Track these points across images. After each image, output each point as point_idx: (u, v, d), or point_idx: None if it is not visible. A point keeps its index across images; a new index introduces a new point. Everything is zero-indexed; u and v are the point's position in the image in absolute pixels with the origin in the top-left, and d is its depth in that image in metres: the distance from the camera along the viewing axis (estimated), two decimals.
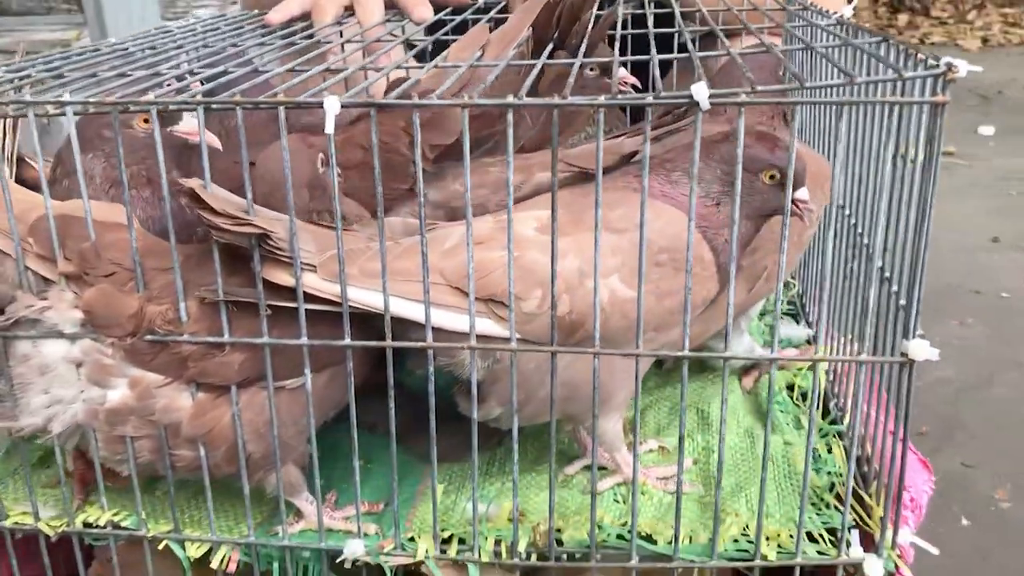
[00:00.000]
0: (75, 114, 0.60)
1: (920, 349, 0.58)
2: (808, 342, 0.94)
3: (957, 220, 2.27)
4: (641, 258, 0.59)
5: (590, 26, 0.79)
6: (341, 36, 0.96)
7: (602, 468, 0.75)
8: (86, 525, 0.71)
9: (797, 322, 0.99)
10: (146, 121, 0.72)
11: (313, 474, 0.67)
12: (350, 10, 1.01)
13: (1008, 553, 1.18)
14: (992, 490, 1.29)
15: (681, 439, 0.62)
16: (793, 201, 0.66)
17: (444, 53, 0.80)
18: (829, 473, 0.73)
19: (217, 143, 0.71)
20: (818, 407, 0.81)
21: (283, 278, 0.61)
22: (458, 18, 0.99)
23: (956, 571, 1.15)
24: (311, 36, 0.95)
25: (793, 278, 1.06)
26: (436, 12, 1.00)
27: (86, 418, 0.66)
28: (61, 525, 0.71)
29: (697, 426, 0.81)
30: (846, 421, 0.77)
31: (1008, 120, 3.18)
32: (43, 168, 0.66)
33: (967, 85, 3.67)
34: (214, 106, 0.58)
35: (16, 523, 0.72)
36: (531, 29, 0.78)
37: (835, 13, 0.85)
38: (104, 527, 0.70)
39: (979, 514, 1.25)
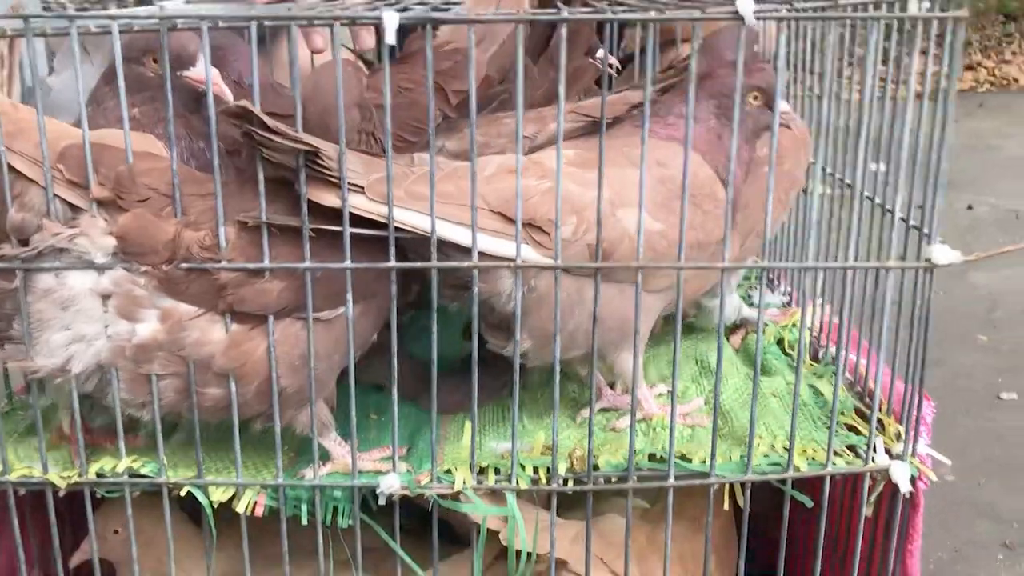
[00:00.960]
0: (120, 32, 0.59)
1: (943, 254, 0.63)
2: (785, 306, 0.99)
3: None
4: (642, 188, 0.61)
5: None
6: None
7: (614, 409, 0.77)
8: (99, 475, 0.68)
9: (772, 291, 1.03)
10: (155, 61, 0.71)
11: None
12: None
13: (959, 521, 1.24)
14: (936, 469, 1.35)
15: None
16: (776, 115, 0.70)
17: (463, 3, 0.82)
18: (842, 410, 0.76)
19: (228, 94, 0.70)
20: (807, 355, 0.85)
21: (330, 199, 0.61)
22: None
23: None
24: None
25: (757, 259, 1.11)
26: None
27: (110, 356, 0.64)
28: (72, 475, 0.68)
29: (700, 373, 0.84)
30: (841, 358, 0.81)
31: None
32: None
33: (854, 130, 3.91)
34: (266, 23, 0.58)
35: (23, 476, 0.68)
36: None
37: None
38: (121, 474, 0.67)
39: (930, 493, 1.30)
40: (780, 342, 0.90)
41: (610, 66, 0.89)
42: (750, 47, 0.88)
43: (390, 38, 0.57)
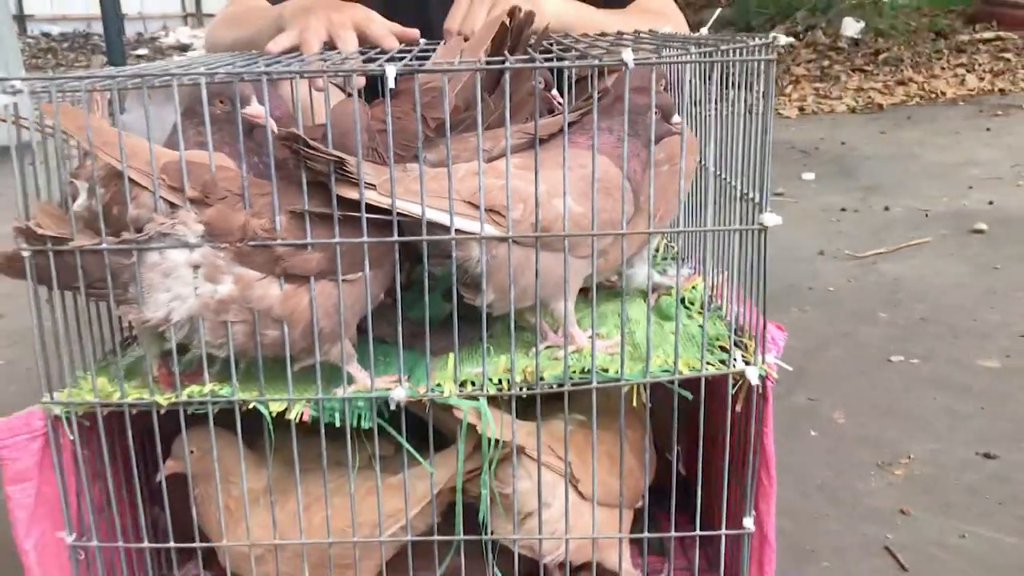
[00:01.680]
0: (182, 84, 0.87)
1: (770, 219, 0.92)
2: (690, 274, 1.28)
3: (792, 240, 2.71)
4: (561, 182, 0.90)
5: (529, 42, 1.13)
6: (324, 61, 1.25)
7: (556, 346, 1.05)
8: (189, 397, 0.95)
9: (685, 264, 1.32)
10: (221, 103, 0.99)
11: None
12: (330, 44, 1.31)
13: (844, 450, 1.53)
14: (831, 413, 1.65)
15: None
16: (673, 127, 1.00)
17: (432, 56, 1.10)
18: (718, 337, 1.05)
19: (273, 124, 0.98)
20: (702, 307, 1.14)
21: (352, 194, 0.89)
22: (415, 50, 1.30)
23: (811, 465, 1.48)
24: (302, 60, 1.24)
25: (672, 243, 1.40)
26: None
27: (199, 309, 0.91)
28: (172, 398, 0.94)
29: (617, 325, 1.12)
30: (728, 307, 1.09)
31: (824, 168, 3.72)
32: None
33: (791, 143, 4.26)
34: (304, 75, 0.87)
35: (136, 398, 0.95)
36: (490, 43, 1.10)
37: (695, 34, 1.22)
38: (206, 395, 0.94)
39: (823, 428, 1.60)
40: (683, 300, 1.19)
41: (559, 103, 1.18)
42: (659, 80, 1.17)
43: (391, 84, 0.85)
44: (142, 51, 10.42)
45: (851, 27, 6.90)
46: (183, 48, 11.01)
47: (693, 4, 7.73)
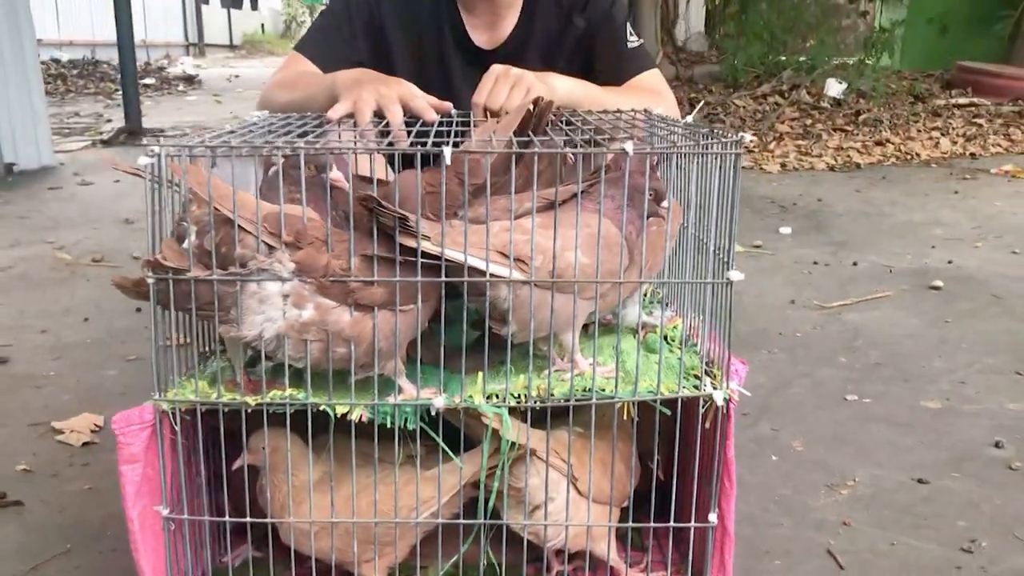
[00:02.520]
0: (306, 155, 1.13)
1: (735, 275, 1.17)
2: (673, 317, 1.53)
3: (766, 289, 2.97)
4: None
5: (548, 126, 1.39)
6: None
7: (563, 370, 1.30)
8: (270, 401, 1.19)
9: (667, 307, 1.57)
10: (310, 168, 1.25)
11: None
12: (379, 113, 1.56)
13: (799, 472, 1.78)
14: (791, 441, 1.90)
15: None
16: (661, 208, 1.26)
17: (470, 133, 1.36)
18: (693, 367, 1.30)
19: (345, 183, 1.23)
20: (681, 343, 1.39)
21: (411, 243, 1.14)
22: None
23: (771, 483, 1.72)
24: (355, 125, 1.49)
25: (658, 290, 1.66)
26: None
27: (285, 329, 1.15)
28: (258, 399, 1.18)
29: (612, 355, 1.37)
30: (700, 344, 1.35)
31: (800, 223, 4.00)
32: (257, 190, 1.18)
33: (772, 198, 4.55)
34: (379, 148, 1.12)
35: (229, 399, 1.19)
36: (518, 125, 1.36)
37: (683, 120, 1.48)
38: (285, 397, 1.18)
39: (782, 454, 1.85)
40: (666, 337, 1.44)
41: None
42: (654, 165, 1.43)
43: (447, 160, 1.11)
44: (149, 80, 10.68)
45: (834, 88, 7.25)
46: (189, 79, 11.30)
47: (684, 60, 8.11)
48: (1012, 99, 7.33)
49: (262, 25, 24.55)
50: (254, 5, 22.75)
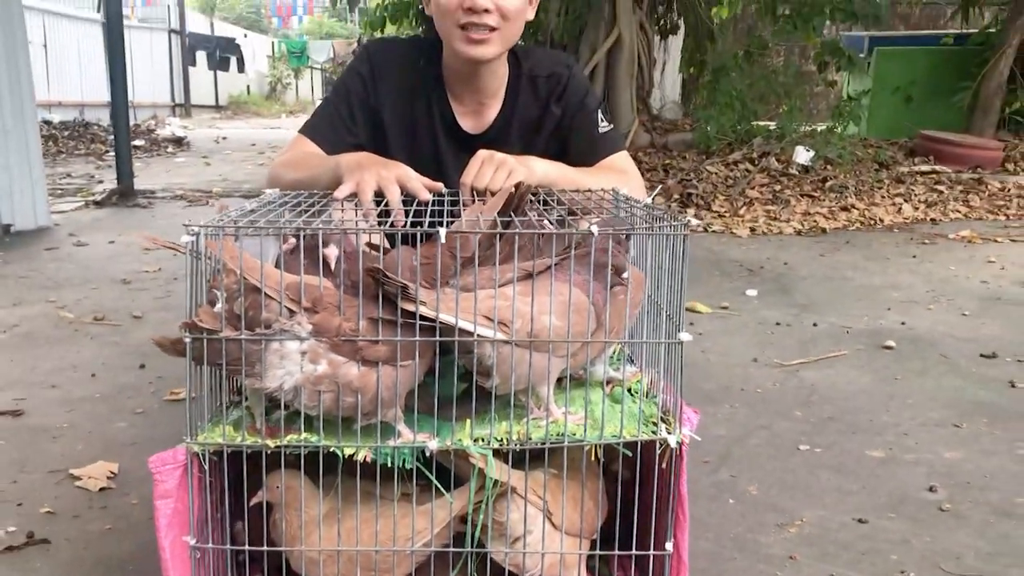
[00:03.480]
0: (311, 233, 1.34)
1: (685, 336, 1.38)
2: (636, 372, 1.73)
3: (731, 348, 3.19)
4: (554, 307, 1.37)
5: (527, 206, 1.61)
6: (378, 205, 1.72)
7: (540, 418, 1.49)
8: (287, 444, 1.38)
9: (632, 363, 1.78)
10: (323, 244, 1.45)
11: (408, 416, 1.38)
12: (379, 193, 1.77)
13: (753, 513, 1.97)
14: (747, 486, 2.10)
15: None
16: (623, 279, 1.47)
17: (460, 213, 1.57)
18: (651, 415, 1.50)
19: (332, 258, 1.44)
20: (643, 395, 1.59)
21: (410, 307, 1.34)
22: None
23: (727, 523, 1.91)
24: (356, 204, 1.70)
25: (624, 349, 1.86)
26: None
27: (302, 381, 1.34)
28: (276, 442, 1.37)
29: (582, 404, 1.57)
30: (658, 395, 1.55)
31: (766, 286, 4.24)
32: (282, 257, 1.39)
33: (740, 262, 4.79)
34: (384, 228, 1.33)
35: (252, 442, 1.37)
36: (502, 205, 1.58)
37: (642, 201, 1.71)
38: (300, 440, 1.37)
39: (739, 497, 2.04)
40: (629, 389, 1.65)
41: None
42: (619, 242, 1.65)
43: (442, 240, 1.32)
44: (139, 141, 10.92)
45: (802, 155, 7.57)
46: (178, 140, 11.54)
47: (659, 128, 8.44)
48: (971, 167, 7.69)
49: (248, 86, 24.99)
50: (240, 67, 23.24)
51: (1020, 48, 8.93)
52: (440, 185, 1.77)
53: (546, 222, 1.51)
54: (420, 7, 8.70)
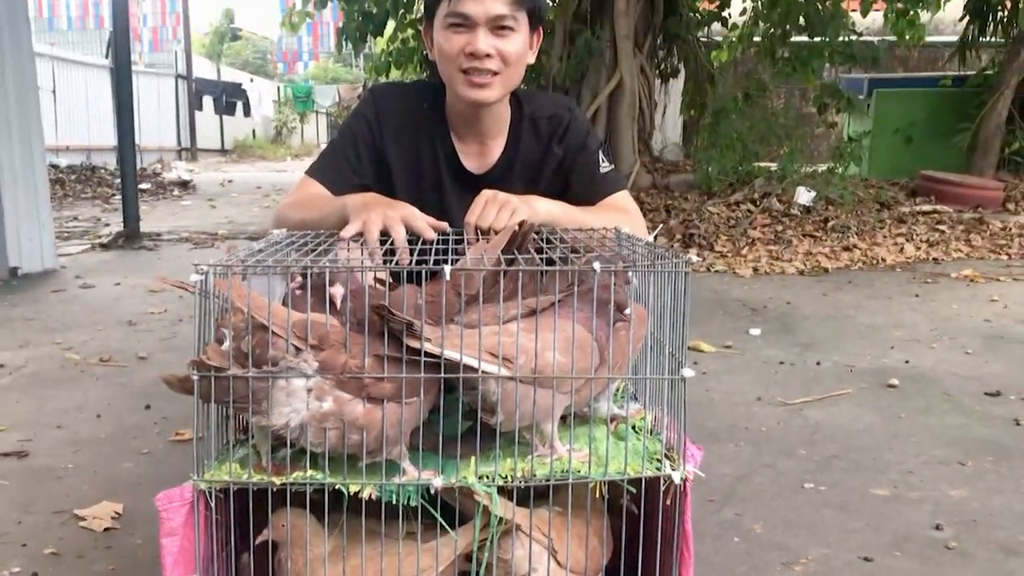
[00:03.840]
0: (316, 274, 1.36)
1: (687, 372, 1.39)
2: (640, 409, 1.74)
3: (735, 387, 3.20)
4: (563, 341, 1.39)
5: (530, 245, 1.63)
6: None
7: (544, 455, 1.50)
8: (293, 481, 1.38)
9: (636, 401, 1.79)
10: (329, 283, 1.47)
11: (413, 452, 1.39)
12: (384, 232, 1.79)
13: (759, 552, 1.96)
14: (752, 525, 2.09)
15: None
16: (624, 315, 1.49)
17: (464, 251, 1.59)
18: (655, 452, 1.50)
19: (338, 298, 1.46)
20: (647, 432, 1.60)
21: (416, 344, 1.36)
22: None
23: (732, 562, 1.91)
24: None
25: (628, 386, 1.87)
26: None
27: (308, 419, 1.35)
28: (282, 479, 1.38)
29: (586, 441, 1.58)
30: (662, 432, 1.56)
31: (769, 325, 4.25)
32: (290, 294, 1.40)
33: (743, 301, 4.81)
34: (386, 268, 1.35)
35: (259, 479, 1.38)
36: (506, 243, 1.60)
37: (644, 240, 1.73)
38: (306, 478, 1.38)
39: (744, 536, 2.04)
40: (633, 426, 1.65)
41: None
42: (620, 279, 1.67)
43: (447, 276, 1.34)
44: (145, 185, 11.02)
45: (804, 196, 7.62)
46: (183, 184, 11.64)
47: (661, 169, 8.50)
48: (972, 207, 7.73)
49: (253, 131, 25.23)
50: (247, 112, 23.51)
51: (1018, 89, 9.04)
52: (445, 224, 1.80)
53: (549, 259, 1.53)
54: (424, 53, 8.83)
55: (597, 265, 1.36)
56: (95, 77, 15.84)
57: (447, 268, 1.34)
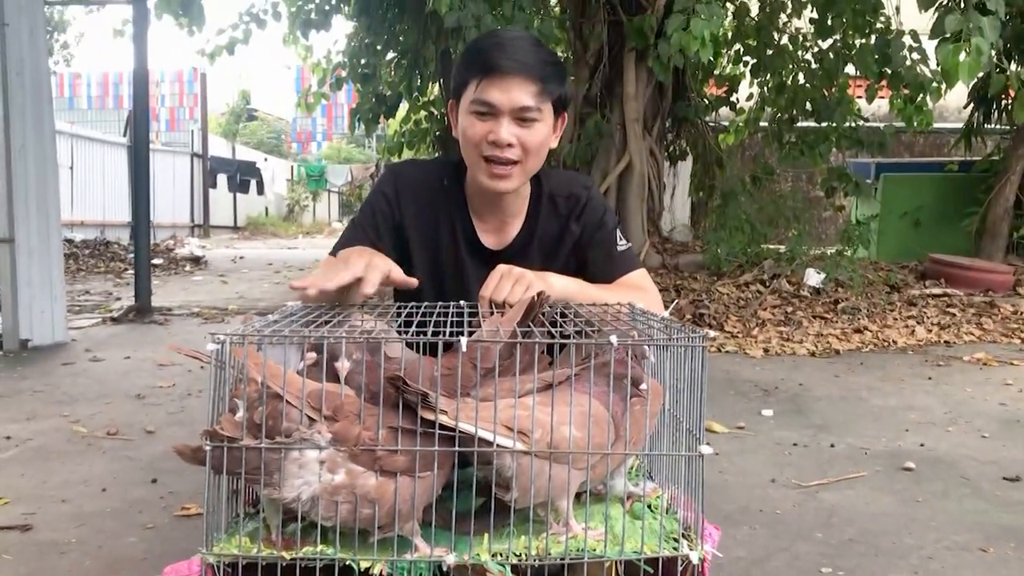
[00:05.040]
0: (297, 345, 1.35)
1: (706, 449, 1.37)
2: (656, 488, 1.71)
3: (748, 468, 3.15)
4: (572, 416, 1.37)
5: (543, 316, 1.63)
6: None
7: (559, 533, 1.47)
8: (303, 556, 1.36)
9: (651, 479, 1.76)
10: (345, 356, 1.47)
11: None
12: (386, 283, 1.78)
13: None
14: None
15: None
16: (640, 391, 1.47)
17: (480, 324, 1.59)
18: (672, 531, 1.47)
19: (346, 369, 1.45)
20: (663, 511, 1.57)
21: (430, 416, 1.35)
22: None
23: None
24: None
25: (643, 464, 1.84)
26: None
27: (320, 491, 1.34)
28: (293, 553, 1.35)
29: (602, 520, 1.55)
30: (679, 511, 1.53)
31: (782, 406, 4.21)
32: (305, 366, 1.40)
33: (755, 382, 4.77)
34: (403, 338, 1.35)
35: (268, 553, 1.35)
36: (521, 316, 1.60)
37: (660, 316, 1.72)
38: (316, 552, 1.35)
39: None
40: (648, 504, 1.62)
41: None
42: (636, 354, 1.66)
43: (463, 348, 1.33)
44: (157, 260, 11.11)
45: (813, 277, 7.63)
46: (196, 259, 11.73)
47: (670, 250, 8.55)
48: (982, 290, 7.72)
49: (266, 208, 25.54)
50: (260, 190, 23.82)
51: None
52: (415, 281, 1.80)
53: (564, 333, 1.52)
54: (438, 133, 8.98)
55: (614, 339, 1.36)
56: (112, 154, 16.12)
57: (463, 340, 1.34)
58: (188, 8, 7.01)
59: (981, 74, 6.15)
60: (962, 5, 5.59)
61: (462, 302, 1.81)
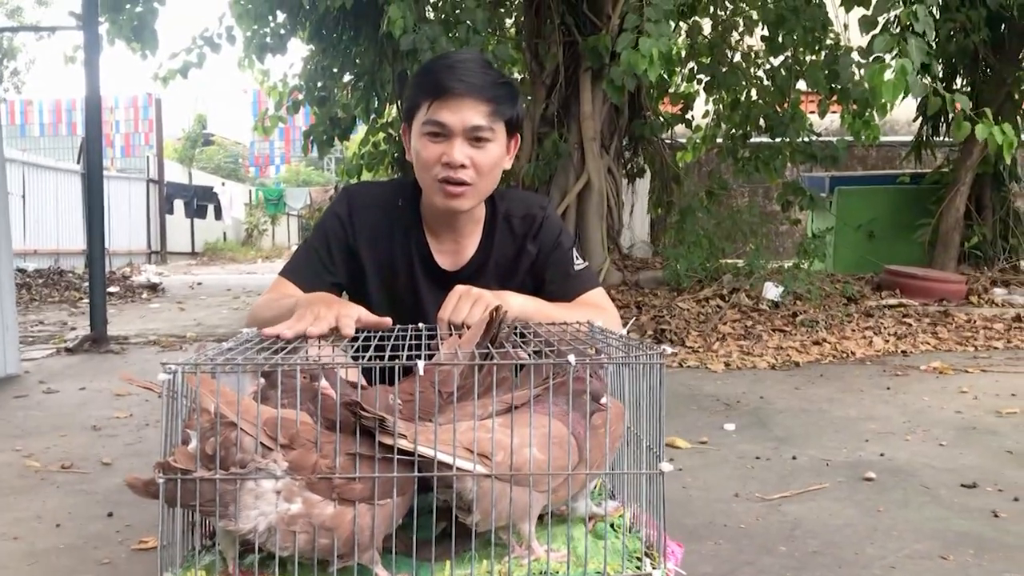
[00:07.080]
0: (287, 369, 1.34)
1: (666, 467, 1.37)
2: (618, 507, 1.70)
3: (711, 483, 3.15)
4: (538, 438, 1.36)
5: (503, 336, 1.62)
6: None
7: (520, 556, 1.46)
8: None
9: (614, 498, 1.75)
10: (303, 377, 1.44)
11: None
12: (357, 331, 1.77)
13: None
14: None
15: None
16: (601, 406, 1.47)
17: (440, 346, 1.58)
18: (635, 550, 1.47)
19: (333, 392, 1.44)
20: (626, 530, 1.57)
21: (389, 441, 1.33)
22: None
23: None
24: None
25: (605, 484, 1.84)
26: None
27: (276, 522, 1.31)
28: None
29: (564, 541, 1.54)
30: (641, 529, 1.52)
31: (744, 420, 4.23)
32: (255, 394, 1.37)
33: (717, 396, 4.79)
34: (359, 364, 1.33)
35: None
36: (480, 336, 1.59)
37: (619, 334, 1.72)
38: None
39: None
40: (611, 524, 1.62)
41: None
42: (595, 372, 1.66)
43: (420, 372, 1.32)
44: (113, 288, 10.93)
45: (772, 291, 7.71)
46: (152, 287, 11.57)
47: (630, 266, 8.60)
48: (937, 300, 7.85)
49: (224, 233, 25.30)
50: (218, 215, 23.61)
51: (972, 186, 9.31)
52: (387, 321, 1.78)
53: (523, 354, 1.51)
54: (396, 155, 8.97)
55: (572, 358, 1.35)
56: (66, 182, 15.88)
57: (420, 363, 1.32)
58: (140, 33, 6.95)
59: (913, 96, 6.30)
60: (897, 29, 5.73)
61: (420, 324, 1.80)
